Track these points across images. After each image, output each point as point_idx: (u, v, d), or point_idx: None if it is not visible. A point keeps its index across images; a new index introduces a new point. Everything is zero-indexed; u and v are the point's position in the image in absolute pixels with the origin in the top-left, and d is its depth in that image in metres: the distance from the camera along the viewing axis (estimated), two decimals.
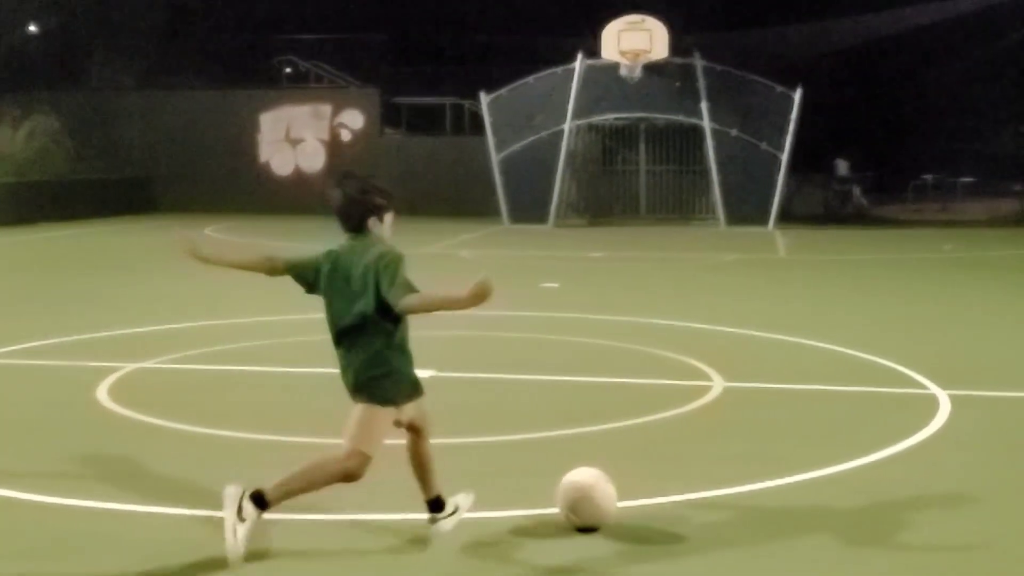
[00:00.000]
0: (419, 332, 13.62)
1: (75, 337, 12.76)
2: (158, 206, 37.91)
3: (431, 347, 12.32)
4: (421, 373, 10.66)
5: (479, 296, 5.38)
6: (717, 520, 6.55)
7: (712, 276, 20.32)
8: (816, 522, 6.51)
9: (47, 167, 35.37)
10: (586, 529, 6.20)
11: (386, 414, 5.86)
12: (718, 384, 10.20)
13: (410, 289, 5.65)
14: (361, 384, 5.84)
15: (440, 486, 6.26)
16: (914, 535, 6.31)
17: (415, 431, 6.12)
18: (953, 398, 9.57)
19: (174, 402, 9.52)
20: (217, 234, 29.06)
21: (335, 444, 7.90)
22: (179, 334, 13.08)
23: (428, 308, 5.75)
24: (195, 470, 7.54)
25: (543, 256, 23.16)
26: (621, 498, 6.37)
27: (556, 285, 18.19)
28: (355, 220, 5.90)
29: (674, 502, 6.82)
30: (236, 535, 5.59)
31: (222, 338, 12.74)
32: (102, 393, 9.78)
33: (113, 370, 10.74)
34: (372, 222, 5.91)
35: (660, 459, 7.86)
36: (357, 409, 5.88)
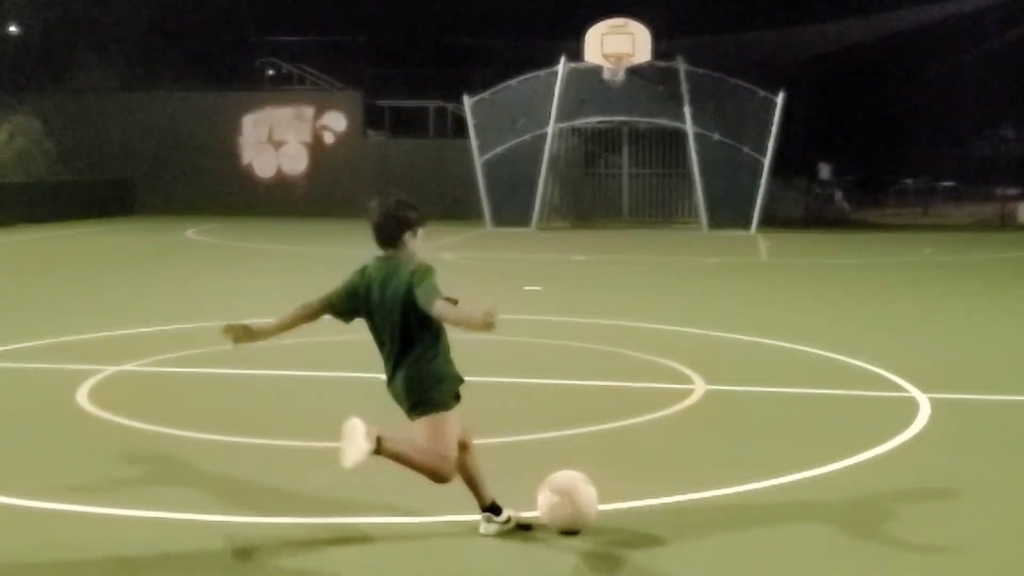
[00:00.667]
0: None
1: (55, 339, 12.70)
2: (139, 208, 37.82)
3: None
4: None
5: (487, 325, 5.57)
6: (698, 523, 6.55)
7: (694, 279, 20.35)
8: (797, 525, 6.52)
9: (28, 168, 35.27)
10: (568, 532, 6.20)
11: (450, 415, 6.06)
12: (700, 387, 10.21)
13: (439, 295, 5.82)
14: (416, 402, 6.02)
15: (492, 492, 6.32)
16: (894, 538, 6.32)
17: (462, 447, 6.22)
18: (933, 401, 9.60)
19: (154, 405, 9.49)
20: (199, 236, 29.00)
21: (316, 447, 7.91)
22: (160, 337, 13.03)
23: (449, 319, 5.80)
24: (174, 474, 7.51)
25: (526, 259, 23.16)
26: (603, 501, 6.36)
27: (539, 288, 18.20)
28: (391, 234, 6.05)
29: (656, 505, 6.82)
30: (354, 454, 5.84)
31: (203, 341, 12.69)
32: (82, 396, 9.73)
33: (93, 373, 10.70)
34: (407, 236, 6.07)
35: (642, 462, 7.86)
36: (421, 423, 6.03)
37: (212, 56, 43.11)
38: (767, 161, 31.37)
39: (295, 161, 38.41)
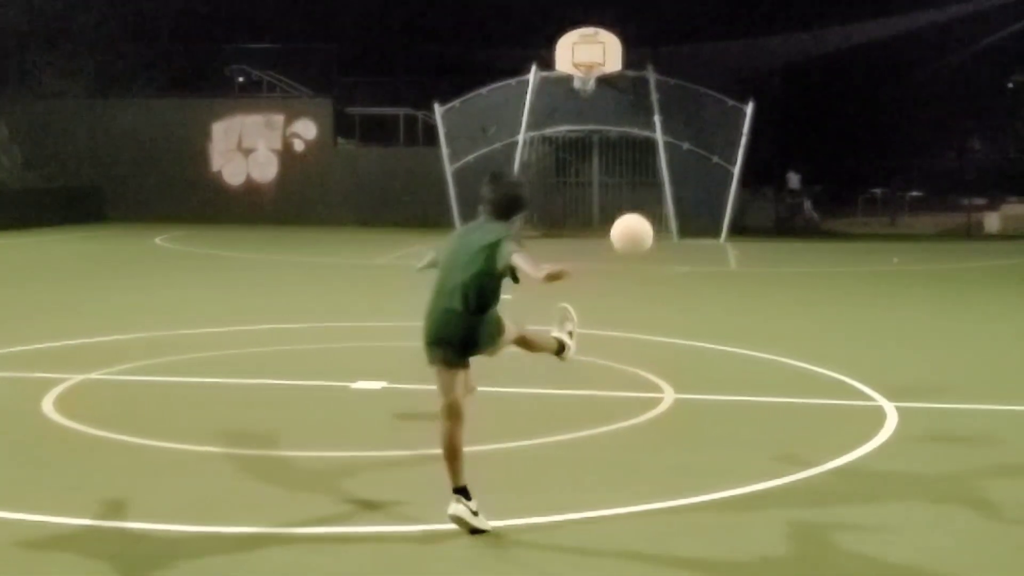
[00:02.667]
0: (371, 343, 13.63)
1: (21, 348, 12.62)
2: (107, 215, 37.58)
3: (383, 358, 12.31)
4: (372, 385, 10.70)
5: (553, 279, 6.40)
6: (664, 532, 6.57)
7: (664, 288, 20.39)
8: (762, 533, 6.54)
9: None
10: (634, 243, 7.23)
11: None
12: (669, 396, 10.23)
13: (518, 250, 6.53)
14: (475, 344, 6.75)
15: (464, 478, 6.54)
16: (860, 547, 6.35)
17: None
18: (900, 410, 9.65)
19: (120, 414, 9.43)
20: (167, 244, 28.86)
21: (283, 456, 7.89)
22: (127, 345, 12.95)
23: (520, 271, 6.50)
24: (139, 483, 7.47)
25: None
26: (571, 510, 6.37)
27: (508, 297, 18.17)
28: (506, 211, 6.76)
29: (623, 514, 6.82)
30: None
31: (170, 349, 12.63)
32: (47, 405, 9.67)
33: (59, 381, 10.63)
34: (514, 217, 6.83)
35: (610, 471, 7.86)
36: (443, 371, 6.75)
37: (181, 63, 42.93)
38: (736, 170, 31.47)
39: (265, 168, 38.28)
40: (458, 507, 6.38)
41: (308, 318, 15.35)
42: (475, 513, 6.40)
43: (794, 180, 39.37)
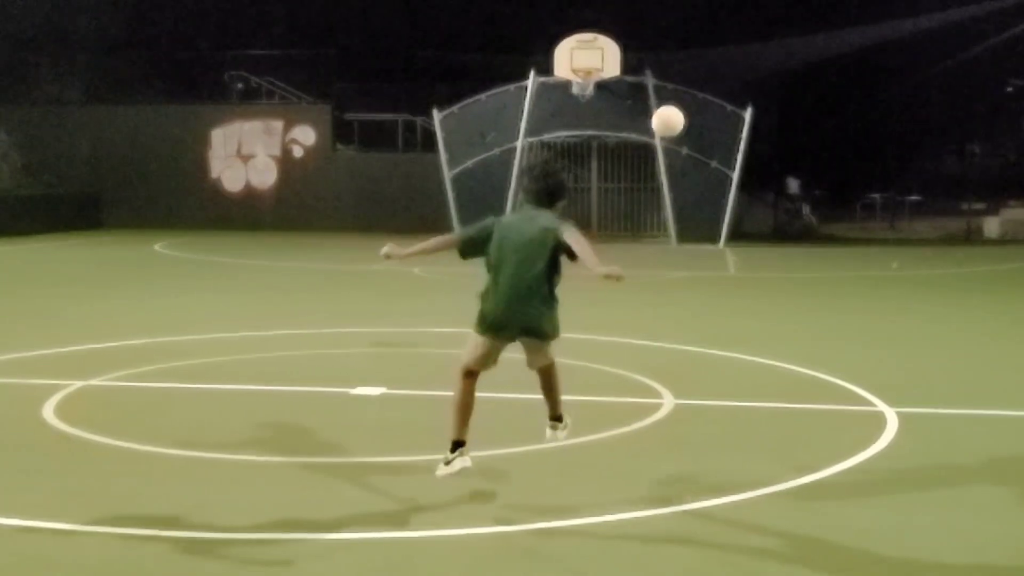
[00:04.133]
0: (370, 349, 13.62)
1: (21, 354, 12.61)
2: (107, 221, 37.60)
3: (382, 363, 12.31)
4: (372, 390, 10.70)
5: (610, 278, 6.72)
6: (665, 538, 6.56)
7: (663, 293, 20.38)
8: (763, 539, 6.53)
9: None
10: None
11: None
12: (668, 401, 10.23)
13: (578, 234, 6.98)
14: (544, 330, 7.16)
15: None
16: (860, 553, 6.34)
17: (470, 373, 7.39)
18: (900, 415, 9.64)
19: (120, 420, 9.43)
20: (166, 250, 28.86)
21: (283, 462, 7.89)
22: (127, 351, 12.95)
23: (579, 253, 6.92)
24: (140, 489, 7.47)
25: None
26: (570, 516, 6.36)
27: None
28: (549, 198, 7.20)
29: (623, 520, 6.82)
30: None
31: (169, 356, 12.63)
32: (48, 411, 9.67)
33: (59, 388, 10.63)
34: (557, 204, 7.23)
35: (610, 477, 7.86)
36: (538, 345, 7.24)
37: (181, 69, 42.90)
38: (735, 175, 31.49)
39: (264, 175, 38.27)
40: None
41: (307, 324, 15.35)
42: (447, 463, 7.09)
43: (793, 185, 39.37)
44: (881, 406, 10.06)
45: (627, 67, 31.29)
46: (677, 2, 45.18)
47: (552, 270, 7.10)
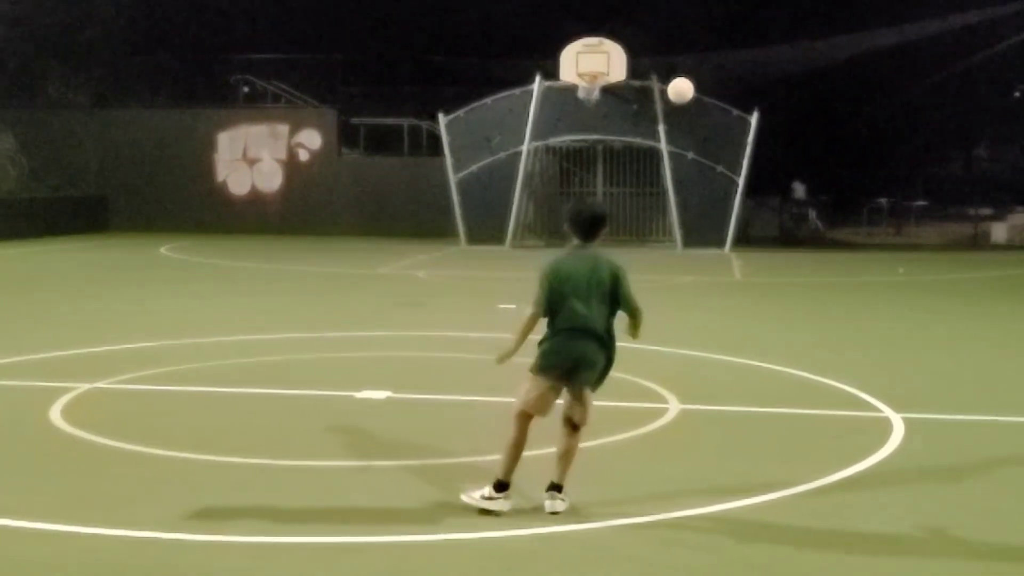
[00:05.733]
0: (375, 353, 13.62)
1: (28, 357, 12.63)
2: (113, 225, 37.66)
3: (388, 368, 12.31)
4: (376, 394, 10.69)
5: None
6: (669, 543, 6.55)
7: (668, 298, 20.35)
8: (770, 545, 6.52)
9: (0, 185, 35.05)
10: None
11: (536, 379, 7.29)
12: (674, 406, 10.22)
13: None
14: (598, 377, 7.28)
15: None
16: (867, 558, 6.33)
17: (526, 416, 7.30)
18: (907, 421, 9.63)
19: (127, 423, 9.43)
20: (173, 253, 28.89)
21: (288, 465, 7.89)
22: (133, 354, 12.96)
23: (639, 318, 7.41)
24: (146, 492, 7.47)
25: (500, 277, 23.14)
26: (575, 521, 6.36)
27: (513, 306, 18.17)
28: (596, 232, 7.35)
29: (628, 524, 6.82)
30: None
31: (176, 359, 12.64)
32: (55, 413, 9.68)
33: (66, 390, 10.64)
34: (600, 234, 7.40)
35: (616, 481, 7.85)
36: (588, 395, 7.26)
37: (187, 73, 42.97)
38: (741, 180, 31.47)
39: (270, 178, 38.31)
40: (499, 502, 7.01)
41: (313, 327, 15.36)
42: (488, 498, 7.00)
43: (799, 190, 39.33)
44: (887, 412, 10.04)
45: (633, 71, 31.27)
46: (683, 7, 45.19)
47: (612, 314, 7.25)
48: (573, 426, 7.24)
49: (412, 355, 13.20)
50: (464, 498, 7.04)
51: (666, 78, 31.57)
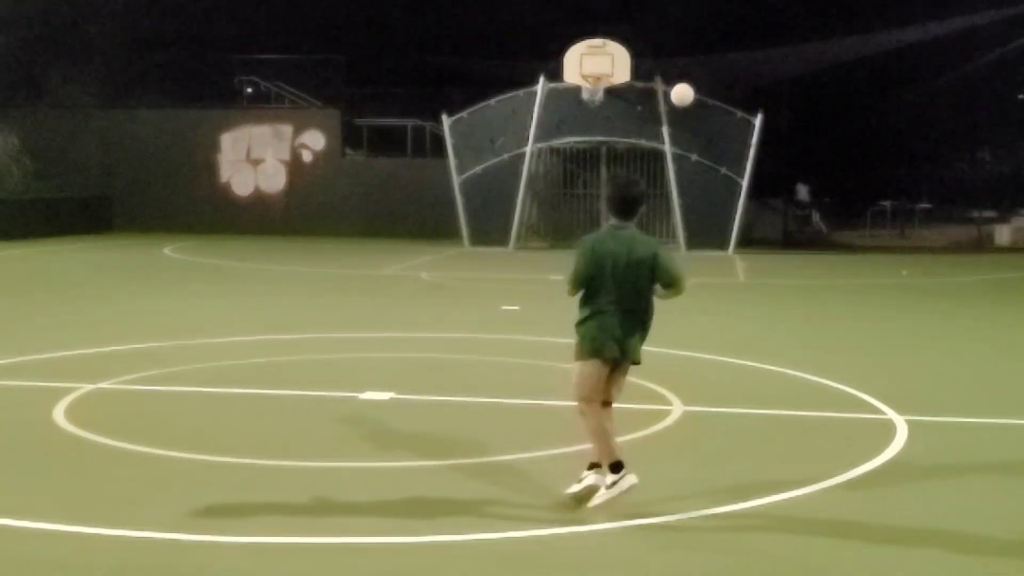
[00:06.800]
0: (379, 353, 13.61)
1: (32, 357, 12.63)
2: (117, 225, 37.69)
3: (391, 368, 12.31)
4: (380, 395, 10.70)
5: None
6: (671, 545, 6.55)
7: (672, 300, 20.35)
8: (773, 546, 6.52)
9: (4, 185, 35.09)
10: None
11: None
12: (677, 408, 10.22)
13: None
14: (637, 350, 7.33)
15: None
16: (870, 560, 6.33)
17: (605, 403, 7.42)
18: (910, 423, 9.62)
19: (130, 423, 9.44)
20: (176, 254, 28.90)
21: (292, 466, 7.89)
22: (137, 355, 12.97)
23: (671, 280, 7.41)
24: (149, 492, 7.47)
25: (503, 279, 23.15)
26: (578, 523, 6.35)
27: (517, 308, 18.19)
28: (635, 210, 7.42)
29: (631, 526, 6.81)
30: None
31: (179, 359, 12.65)
32: (58, 413, 9.68)
33: (69, 391, 10.64)
34: (639, 212, 7.46)
35: None
36: (624, 370, 7.38)
37: (191, 73, 42.95)
38: (745, 182, 31.46)
39: (273, 179, 38.33)
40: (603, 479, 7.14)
41: (316, 328, 15.36)
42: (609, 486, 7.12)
43: (803, 192, 39.35)
44: (890, 414, 10.03)
45: (637, 73, 31.26)
46: (687, 8, 45.17)
47: (651, 292, 7.37)
48: (607, 403, 7.37)
49: (416, 356, 13.20)
50: (598, 502, 7.11)
51: (670, 80, 31.65)
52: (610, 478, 7.08)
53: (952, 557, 6.43)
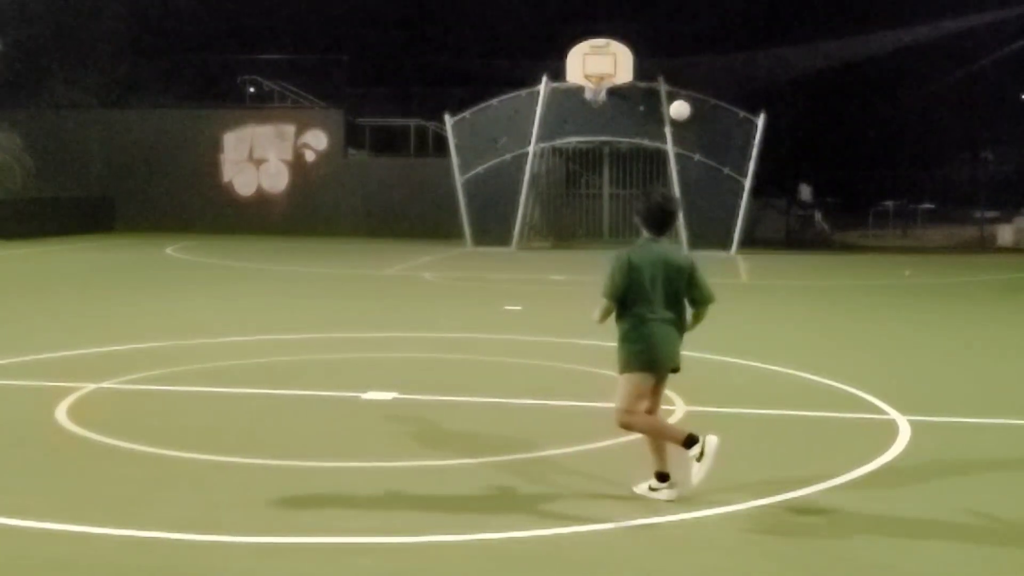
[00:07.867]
0: (381, 354, 13.60)
1: (34, 357, 12.64)
2: (119, 225, 37.72)
3: (394, 368, 12.31)
4: (383, 395, 10.70)
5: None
6: (674, 545, 6.55)
7: None
8: (776, 547, 6.51)
9: (6, 184, 35.12)
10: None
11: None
12: (680, 408, 10.21)
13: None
14: (678, 359, 7.49)
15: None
16: (874, 561, 6.32)
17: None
18: (913, 423, 9.61)
19: (133, 423, 9.44)
20: (178, 254, 28.91)
21: (294, 466, 7.89)
22: (139, 354, 12.97)
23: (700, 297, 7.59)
24: (151, 492, 7.47)
25: (506, 279, 23.14)
26: (578, 523, 6.35)
27: (519, 308, 18.18)
28: (667, 226, 7.52)
29: (632, 527, 6.81)
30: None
31: (181, 359, 12.65)
32: (61, 413, 9.68)
33: (72, 390, 10.65)
34: (672, 227, 7.60)
35: (618, 484, 7.83)
36: (665, 380, 7.55)
37: (193, 73, 43.02)
38: (747, 182, 31.45)
39: (276, 179, 38.36)
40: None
41: (319, 328, 15.36)
42: (653, 489, 7.38)
43: (806, 192, 39.31)
44: (893, 414, 10.03)
45: (640, 73, 31.26)
46: (690, 8, 45.17)
47: (683, 304, 7.53)
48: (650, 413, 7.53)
49: (418, 356, 13.19)
50: (646, 492, 7.42)
51: (672, 80, 31.65)
52: (695, 450, 7.22)
53: (955, 557, 6.43)
